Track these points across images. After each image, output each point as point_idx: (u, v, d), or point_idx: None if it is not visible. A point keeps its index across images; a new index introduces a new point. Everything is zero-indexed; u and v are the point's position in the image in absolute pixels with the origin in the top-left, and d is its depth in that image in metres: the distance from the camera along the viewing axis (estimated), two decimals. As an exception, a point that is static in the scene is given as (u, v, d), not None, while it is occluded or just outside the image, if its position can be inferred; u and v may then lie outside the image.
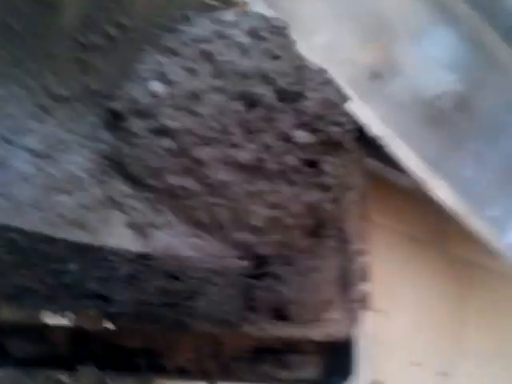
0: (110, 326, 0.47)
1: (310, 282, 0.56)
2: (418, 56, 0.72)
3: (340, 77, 0.59)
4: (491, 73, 0.76)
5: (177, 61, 0.52)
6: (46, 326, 0.46)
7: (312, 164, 0.53)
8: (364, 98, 0.62)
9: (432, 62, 0.73)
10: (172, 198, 0.50)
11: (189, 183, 0.50)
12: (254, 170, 0.51)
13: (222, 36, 0.53)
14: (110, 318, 0.47)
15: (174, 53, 0.53)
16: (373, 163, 0.68)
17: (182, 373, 0.54)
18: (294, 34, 0.58)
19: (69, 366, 0.47)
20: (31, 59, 0.50)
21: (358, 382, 0.57)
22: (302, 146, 0.52)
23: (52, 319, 0.45)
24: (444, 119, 0.71)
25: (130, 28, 0.53)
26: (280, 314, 0.53)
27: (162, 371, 0.53)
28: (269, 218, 0.51)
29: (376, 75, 0.68)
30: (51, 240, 0.45)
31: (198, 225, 0.50)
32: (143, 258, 0.49)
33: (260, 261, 0.54)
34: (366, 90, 0.66)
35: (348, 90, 0.59)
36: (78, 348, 0.50)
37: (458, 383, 0.71)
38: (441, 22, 0.75)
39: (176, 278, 0.50)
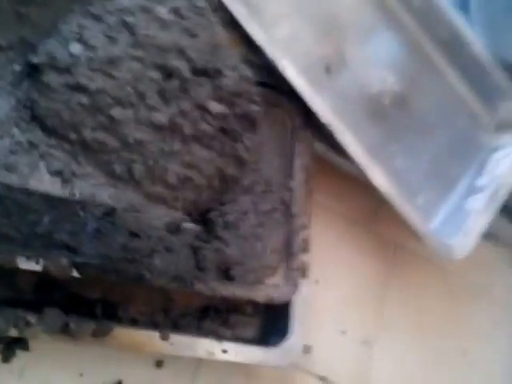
0: (75, 274, 0.49)
1: (255, 247, 0.61)
2: (364, 55, 0.78)
3: (297, 67, 0.64)
4: (427, 76, 0.83)
5: (99, 27, 0.55)
6: (17, 271, 0.48)
7: (227, 133, 0.58)
8: (317, 88, 0.66)
9: (376, 62, 0.79)
10: (89, 151, 0.53)
11: (105, 138, 0.53)
12: (169, 131, 0.55)
13: (145, 10, 0.56)
14: (77, 267, 0.49)
15: (97, 19, 0.55)
16: (321, 148, 0.72)
17: (134, 323, 0.57)
18: (257, 26, 0.64)
19: (35, 308, 0.50)
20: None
21: (292, 344, 0.61)
22: (217, 116, 0.57)
23: (25, 265, 0.47)
24: (384, 114, 0.77)
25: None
26: (227, 275, 0.58)
27: (117, 320, 0.56)
28: (182, 176, 0.56)
29: (328, 69, 0.74)
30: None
31: (115, 177, 0.54)
32: (108, 215, 0.53)
33: (208, 225, 0.59)
34: (318, 82, 0.70)
35: (303, 79, 0.65)
36: (44, 293, 0.54)
37: (379, 352, 0.75)
38: (386, 27, 0.81)
39: (137, 236, 0.54)
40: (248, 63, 0.64)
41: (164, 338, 0.54)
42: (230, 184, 0.61)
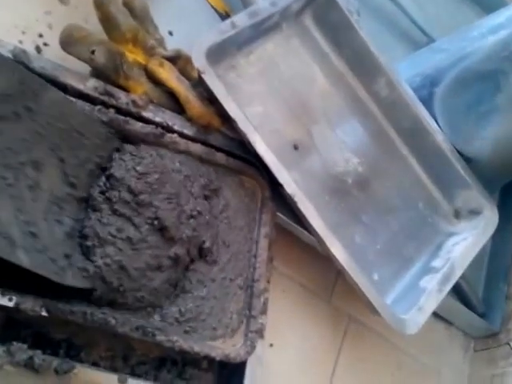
0: (44, 313, 0.53)
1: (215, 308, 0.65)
2: (331, 138, 0.85)
3: (267, 142, 0.70)
4: (390, 161, 0.90)
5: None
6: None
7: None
8: (285, 163, 0.71)
9: (342, 144, 0.85)
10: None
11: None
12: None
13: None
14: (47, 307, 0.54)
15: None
16: (282, 218, 0.75)
17: (95, 365, 0.60)
18: (233, 102, 0.70)
19: (4, 340, 0.53)
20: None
21: None
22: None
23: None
24: (346, 192, 0.83)
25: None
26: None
27: (79, 361, 0.58)
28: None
29: (296, 146, 0.80)
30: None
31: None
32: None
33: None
34: (287, 157, 0.76)
35: (272, 154, 0.70)
36: (12, 330, 0.57)
37: None
38: (353, 114, 0.89)
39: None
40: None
41: (121, 381, 0.57)
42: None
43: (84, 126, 0.62)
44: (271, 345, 0.75)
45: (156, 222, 0.61)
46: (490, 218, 0.89)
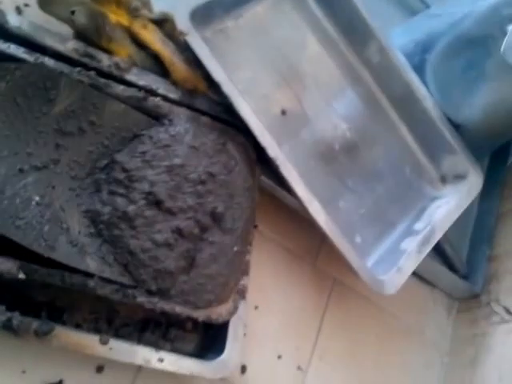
0: (22, 276, 0.54)
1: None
2: (320, 104, 0.85)
3: (252, 107, 0.70)
4: (379, 127, 0.90)
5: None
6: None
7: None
8: (270, 128, 0.71)
9: (331, 110, 0.85)
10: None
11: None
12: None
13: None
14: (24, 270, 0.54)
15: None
16: (267, 181, 0.76)
17: (78, 327, 0.61)
18: (219, 67, 0.70)
19: None
20: (24, 129, 0.59)
21: (226, 360, 0.64)
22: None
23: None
24: (333, 157, 0.83)
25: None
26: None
27: (62, 324, 0.59)
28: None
29: (284, 112, 0.80)
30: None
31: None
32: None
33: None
34: (273, 122, 0.77)
35: (257, 118, 0.70)
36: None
37: (312, 379, 0.78)
38: (344, 80, 0.88)
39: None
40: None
41: (103, 342, 0.58)
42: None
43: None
44: (256, 307, 0.76)
45: (151, 197, 0.62)
46: (474, 183, 0.90)
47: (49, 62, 0.62)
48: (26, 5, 0.72)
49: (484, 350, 0.87)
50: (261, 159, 0.73)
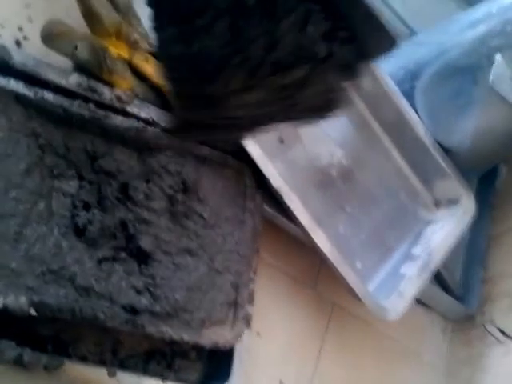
0: (33, 313, 0.54)
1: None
2: (316, 131, 0.86)
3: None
4: (373, 153, 0.91)
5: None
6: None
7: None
8: (270, 156, 0.72)
9: (326, 137, 0.87)
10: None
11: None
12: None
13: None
14: (35, 306, 0.54)
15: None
16: (269, 211, 0.76)
17: (83, 360, 0.61)
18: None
19: None
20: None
21: None
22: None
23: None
24: (331, 184, 0.84)
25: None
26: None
27: (67, 357, 0.59)
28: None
29: (281, 140, 0.81)
30: None
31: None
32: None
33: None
34: (273, 151, 0.77)
35: (258, 148, 0.71)
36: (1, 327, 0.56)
37: None
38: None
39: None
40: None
41: (111, 374, 0.58)
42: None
43: None
44: (258, 333, 0.77)
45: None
46: (467, 207, 0.92)
47: (48, 95, 0.62)
48: (25, 38, 0.72)
49: (480, 371, 0.89)
50: (260, 186, 0.74)
